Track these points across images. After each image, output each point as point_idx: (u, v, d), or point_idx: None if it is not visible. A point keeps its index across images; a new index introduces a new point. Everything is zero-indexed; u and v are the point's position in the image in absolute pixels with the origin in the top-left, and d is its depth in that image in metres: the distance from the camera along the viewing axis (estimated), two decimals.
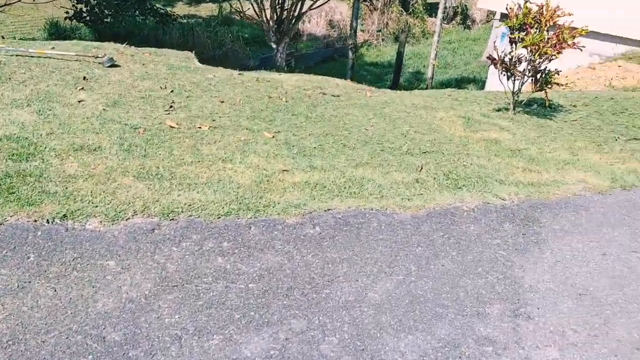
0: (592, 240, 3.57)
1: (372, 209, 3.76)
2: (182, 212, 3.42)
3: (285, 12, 10.30)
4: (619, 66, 9.77)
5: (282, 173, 4.18)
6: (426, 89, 20.75)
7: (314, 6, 10.72)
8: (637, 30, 10.29)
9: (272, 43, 10.43)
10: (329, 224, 3.50)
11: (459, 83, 23.42)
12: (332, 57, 26.37)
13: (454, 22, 31.71)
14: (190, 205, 3.49)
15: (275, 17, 10.15)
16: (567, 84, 9.49)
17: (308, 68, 25.08)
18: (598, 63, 10.64)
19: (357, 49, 18.08)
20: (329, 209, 3.70)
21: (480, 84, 19.90)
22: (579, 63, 10.67)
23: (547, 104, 6.17)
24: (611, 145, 5.40)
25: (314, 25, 29.82)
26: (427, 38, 28.32)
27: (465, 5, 31.04)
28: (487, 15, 27.12)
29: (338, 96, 6.71)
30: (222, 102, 5.68)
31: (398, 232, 3.50)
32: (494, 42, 6.04)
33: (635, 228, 3.77)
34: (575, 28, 5.66)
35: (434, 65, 20.32)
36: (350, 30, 17.17)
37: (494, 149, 5.12)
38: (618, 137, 5.66)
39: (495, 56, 5.91)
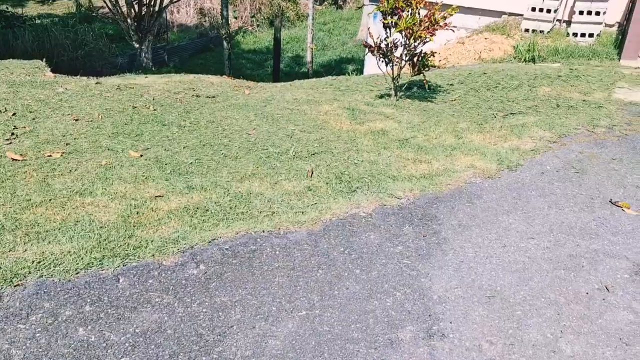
0: (490, 232, 3.48)
1: (263, 231, 3.35)
2: (29, 273, 2.77)
3: (144, 8, 9.41)
4: (485, 38, 10.19)
5: (154, 200, 3.63)
6: (307, 72, 20.64)
7: None
8: (497, 3, 10.78)
9: (134, 42, 9.51)
10: (215, 258, 3.05)
11: (339, 64, 23.66)
12: (208, 47, 25.37)
13: (325, 2, 31.89)
14: (40, 262, 2.85)
15: (134, 13, 9.23)
16: (441, 60, 9.70)
17: (183, 61, 23.90)
18: (466, 37, 11.03)
19: (231, 38, 17.39)
20: (214, 239, 3.24)
21: (359, 63, 20.16)
22: (449, 38, 10.99)
23: (426, 87, 6.14)
24: (491, 123, 5.46)
25: (183, 15, 28.43)
26: (302, 21, 28.25)
27: None
28: None
29: (214, 97, 6.18)
30: (77, 120, 4.92)
31: (295, 255, 3.14)
32: (368, 28, 5.84)
33: (528, 211, 3.75)
34: (447, 5, 5.62)
35: (311, 49, 20.23)
36: (222, 19, 16.43)
37: (383, 141, 4.93)
38: (496, 114, 5.75)
39: (371, 42, 5.72)
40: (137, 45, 9.55)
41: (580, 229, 3.53)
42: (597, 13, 9.71)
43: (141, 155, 4.31)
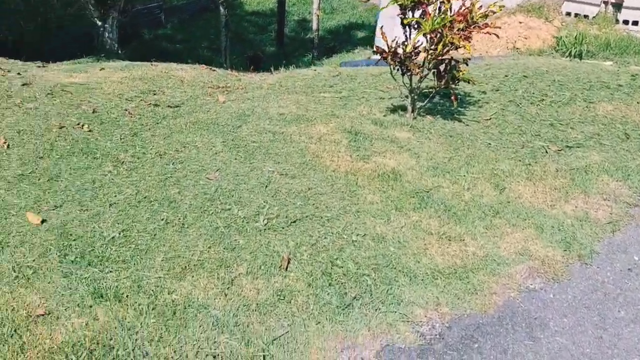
0: None
1: None
2: None
3: None
4: (520, 23, 8.57)
5: (33, 323, 2.29)
6: (313, 41, 18.96)
7: None
8: None
9: (95, 19, 7.97)
10: None
11: (348, 30, 21.91)
12: (209, 8, 23.71)
13: None
14: None
15: None
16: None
17: (183, 22, 22.19)
18: (496, 17, 9.38)
19: (228, 2, 15.65)
20: None
21: (370, 29, 18.40)
22: None
23: (455, 104, 4.67)
24: (543, 164, 4.03)
25: None
26: None
27: None
28: None
29: (177, 107, 4.75)
30: None
31: None
32: (381, 27, 4.31)
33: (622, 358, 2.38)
34: None
35: (317, 15, 18.50)
36: None
37: (394, 195, 3.53)
38: (547, 147, 4.31)
39: (384, 46, 4.22)
40: (99, 23, 8.03)
41: None
42: None
43: (43, 221, 2.94)
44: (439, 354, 2.32)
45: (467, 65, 4.39)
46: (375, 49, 4.26)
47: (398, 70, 4.42)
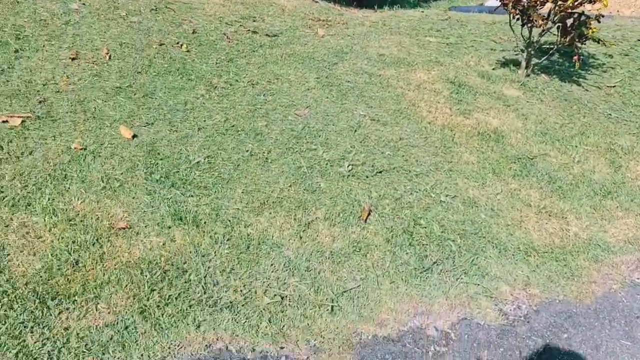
0: None
1: (256, 345, 1.99)
2: None
3: None
4: None
5: (114, 235, 2.34)
6: None
7: None
8: None
9: None
10: None
11: None
12: None
13: None
14: None
15: None
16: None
17: None
18: None
19: None
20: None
21: None
22: None
23: (577, 66, 4.14)
24: None
25: None
26: None
27: None
28: None
29: (275, 37, 4.61)
30: (75, 59, 3.63)
31: None
32: None
33: None
34: None
35: None
36: None
37: (493, 157, 3.23)
38: None
39: None
40: None
41: None
42: None
43: (134, 137, 2.98)
44: (522, 337, 2.12)
45: (599, 22, 3.84)
46: None
47: (517, 20, 3.96)
